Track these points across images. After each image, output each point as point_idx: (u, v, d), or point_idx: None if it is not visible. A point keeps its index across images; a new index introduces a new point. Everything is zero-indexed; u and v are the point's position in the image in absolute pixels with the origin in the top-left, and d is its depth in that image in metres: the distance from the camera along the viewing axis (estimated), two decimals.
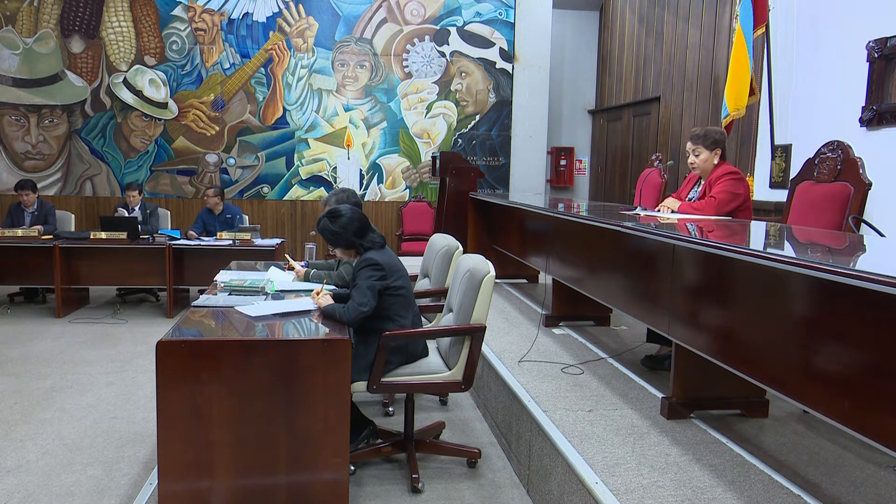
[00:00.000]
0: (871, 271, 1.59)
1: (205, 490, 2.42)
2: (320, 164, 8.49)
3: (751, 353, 2.25)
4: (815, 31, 4.69)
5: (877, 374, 1.70)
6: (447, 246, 3.73)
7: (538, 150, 8.73)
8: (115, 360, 4.71)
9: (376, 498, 2.82)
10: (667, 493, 2.18)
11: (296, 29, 8.27)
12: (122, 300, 6.65)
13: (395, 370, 2.87)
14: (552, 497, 2.58)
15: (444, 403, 3.93)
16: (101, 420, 3.62)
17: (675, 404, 2.80)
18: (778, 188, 4.84)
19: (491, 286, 2.82)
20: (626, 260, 3.22)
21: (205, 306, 2.94)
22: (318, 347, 2.46)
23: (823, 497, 2.16)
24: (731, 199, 3.27)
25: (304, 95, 8.36)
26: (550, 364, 3.53)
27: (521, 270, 5.86)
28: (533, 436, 2.84)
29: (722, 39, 6.11)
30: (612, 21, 8.73)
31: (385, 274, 2.85)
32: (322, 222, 3.01)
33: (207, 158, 8.34)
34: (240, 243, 6.15)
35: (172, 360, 2.36)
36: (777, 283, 2.08)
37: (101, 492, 2.87)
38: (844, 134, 3.62)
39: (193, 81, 8.21)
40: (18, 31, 7.98)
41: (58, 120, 8.14)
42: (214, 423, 2.39)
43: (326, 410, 2.45)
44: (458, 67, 8.52)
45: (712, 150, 3.39)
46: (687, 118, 6.75)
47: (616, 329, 4.30)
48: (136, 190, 6.57)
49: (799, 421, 2.82)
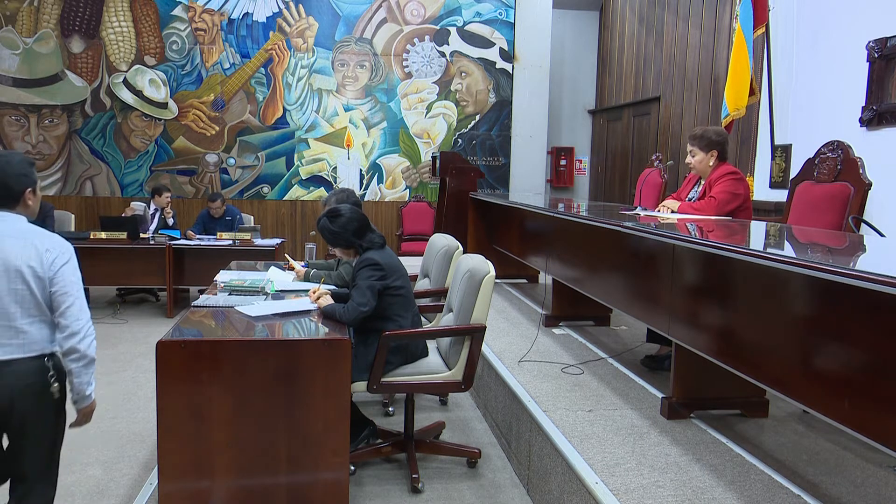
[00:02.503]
0: (871, 271, 1.59)
1: (205, 490, 2.42)
2: (320, 164, 8.48)
3: (751, 353, 2.25)
4: (815, 31, 4.69)
5: (877, 374, 1.70)
6: (447, 246, 3.73)
7: (538, 150, 8.73)
8: (115, 360, 4.71)
9: (376, 498, 2.82)
10: (667, 493, 2.18)
11: (296, 29, 8.27)
12: (122, 300, 6.64)
13: (395, 370, 2.87)
14: (552, 497, 2.58)
15: (444, 403, 3.93)
16: (101, 420, 3.61)
17: (675, 404, 2.80)
18: (778, 188, 4.84)
19: (491, 286, 2.82)
20: (626, 260, 3.22)
21: (205, 306, 2.94)
22: (318, 347, 2.46)
23: (823, 497, 2.16)
24: (730, 199, 3.27)
25: (304, 95, 8.36)
26: (550, 364, 3.53)
27: (521, 270, 5.86)
28: (533, 436, 2.84)
29: (722, 39, 6.11)
30: (612, 21, 8.73)
31: (385, 274, 2.85)
32: (322, 221, 3.01)
33: (207, 158, 8.34)
34: (240, 243, 6.15)
35: (172, 360, 2.36)
36: (777, 283, 2.08)
37: (101, 492, 2.87)
38: (844, 134, 3.62)
39: (193, 81, 8.21)
40: (18, 31, 7.98)
41: (58, 120, 8.14)
42: (214, 423, 2.39)
43: (326, 410, 2.45)
44: (458, 67, 8.52)
45: (707, 152, 3.39)
46: (687, 118, 6.75)
47: (616, 329, 4.30)
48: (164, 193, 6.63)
49: (799, 421, 2.82)
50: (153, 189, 6.75)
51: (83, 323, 2.08)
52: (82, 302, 2.11)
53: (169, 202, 6.67)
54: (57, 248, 2.10)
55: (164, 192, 6.63)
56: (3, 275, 2.02)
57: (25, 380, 2.04)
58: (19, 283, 2.03)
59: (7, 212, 2.11)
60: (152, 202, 6.71)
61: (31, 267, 2.04)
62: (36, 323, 2.06)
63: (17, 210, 2.14)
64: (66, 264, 2.10)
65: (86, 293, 2.33)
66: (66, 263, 2.10)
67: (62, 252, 2.10)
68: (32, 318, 2.06)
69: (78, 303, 2.09)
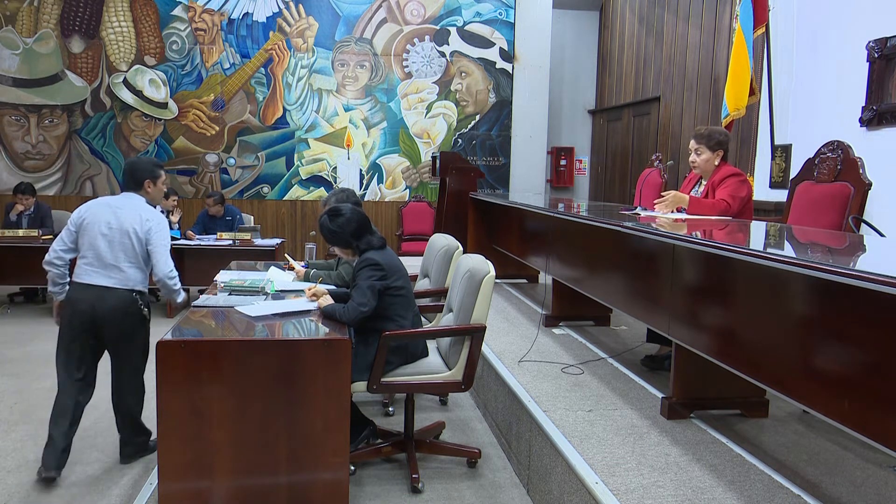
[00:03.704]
0: (871, 271, 1.59)
1: (205, 490, 2.42)
2: (320, 164, 8.49)
3: (751, 353, 2.25)
4: (815, 31, 4.69)
5: (877, 374, 1.70)
6: (447, 246, 3.73)
7: (538, 150, 8.73)
8: None
9: (376, 498, 2.82)
10: (667, 493, 2.18)
11: (296, 29, 8.27)
12: None
13: (395, 370, 2.87)
14: (552, 497, 2.58)
15: (444, 403, 3.93)
16: (101, 420, 3.61)
17: (675, 404, 2.80)
18: (778, 188, 4.84)
19: (491, 286, 2.82)
20: (626, 260, 3.22)
21: (205, 306, 2.94)
22: (318, 347, 2.46)
23: (823, 497, 2.16)
24: (740, 204, 3.26)
25: (304, 95, 8.36)
26: (550, 364, 3.53)
27: (521, 270, 5.86)
28: (533, 436, 2.84)
29: (722, 39, 6.11)
30: (612, 21, 8.73)
31: (385, 274, 2.85)
32: (322, 220, 3.02)
33: (207, 158, 8.34)
34: (240, 243, 6.15)
35: (172, 360, 2.36)
36: (777, 283, 2.08)
37: (101, 492, 2.87)
38: (844, 134, 3.62)
39: (193, 81, 8.22)
40: (18, 31, 7.98)
41: (58, 120, 8.14)
42: (214, 423, 2.39)
43: (326, 410, 2.45)
44: (458, 67, 8.52)
45: (714, 151, 3.38)
46: (687, 118, 6.75)
47: (616, 329, 4.30)
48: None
49: (799, 421, 2.82)
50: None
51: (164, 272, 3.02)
52: (167, 258, 3.03)
53: (175, 205, 6.65)
54: (154, 219, 3.04)
55: (170, 195, 6.61)
56: (118, 232, 2.97)
57: (119, 302, 2.96)
58: (126, 239, 2.98)
59: (132, 192, 3.12)
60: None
61: (135, 229, 2.98)
62: (133, 267, 3.00)
63: (140, 192, 3.12)
64: (157, 231, 3.02)
65: None
66: (158, 231, 3.03)
67: (157, 223, 3.05)
68: (131, 263, 2.99)
69: (162, 259, 3.02)
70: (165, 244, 3.05)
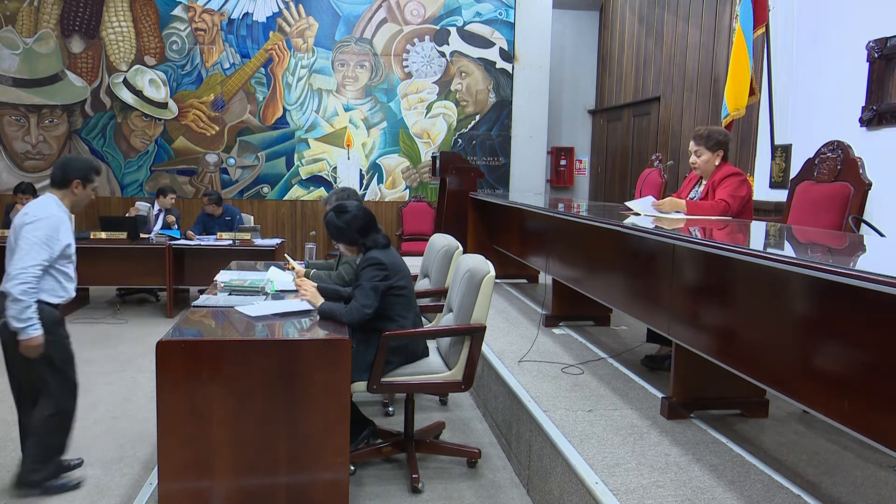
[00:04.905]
0: (871, 271, 1.59)
1: (205, 490, 2.42)
2: (320, 164, 8.48)
3: (751, 353, 2.25)
4: (815, 31, 4.69)
5: (877, 374, 1.70)
6: (447, 246, 3.73)
7: (538, 150, 8.73)
8: (115, 360, 4.71)
9: (376, 498, 2.82)
10: (667, 493, 2.18)
11: (296, 29, 8.26)
12: (122, 300, 6.64)
13: (396, 370, 2.87)
14: (552, 497, 2.58)
15: (444, 403, 3.93)
16: (101, 420, 3.62)
17: (675, 404, 2.80)
18: (778, 188, 4.84)
19: (491, 286, 2.82)
20: (626, 260, 3.22)
21: (205, 306, 2.94)
22: (318, 347, 2.46)
23: (823, 497, 2.16)
24: (740, 204, 3.26)
25: (304, 95, 8.36)
26: (550, 364, 3.53)
27: (521, 270, 5.86)
28: (533, 436, 2.84)
29: (722, 39, 6.11)
30: (612, 21, 8.73)
31: (388, 274, 2.85)
32: (328, 215, 3.02)
33: (207, 158, 8.34)
34: (240, 243, 6.15)
35: (172, 360, 2.36)
36: (777, 283, 2.08)
37: (101, 492, 2.87)
38: (844, 134, 3.61)
39: (193, 81, 8.21)
40: (18, 31, 7.98)
41: (58, 120, 8.14)
42: (214, 423, 2.39)
43: (326, 410, 2.45)
44: (458, 67, 8.52)
45: (714, 152, 3.38)
46: (687, 118, 6.75)
47: (616, 329, 4.30)
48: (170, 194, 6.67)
49: (799, 421, 2.82)
50: (158, 190, 6.77)
51: (9, 267, 2.56)
52: (25, 255, 2.56)
53: (174, 203, 6.67)
54: (32, 213, 2.63)
55: (168, 193, 6.63)
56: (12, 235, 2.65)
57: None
58: (12, 237, 2.64)
59: (53, 192, 2.74)
60: (156, 203, 6.71)
61: (16, 228, 2.62)
62: None
63: (63, 192, 2.74)
64: (30, 224, 2.60)
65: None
66: (31, 224, 2.60)
67: (35, 216, 2.61)
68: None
69: (21, 253, 2.57)
70: (35, 241, 2.58)
